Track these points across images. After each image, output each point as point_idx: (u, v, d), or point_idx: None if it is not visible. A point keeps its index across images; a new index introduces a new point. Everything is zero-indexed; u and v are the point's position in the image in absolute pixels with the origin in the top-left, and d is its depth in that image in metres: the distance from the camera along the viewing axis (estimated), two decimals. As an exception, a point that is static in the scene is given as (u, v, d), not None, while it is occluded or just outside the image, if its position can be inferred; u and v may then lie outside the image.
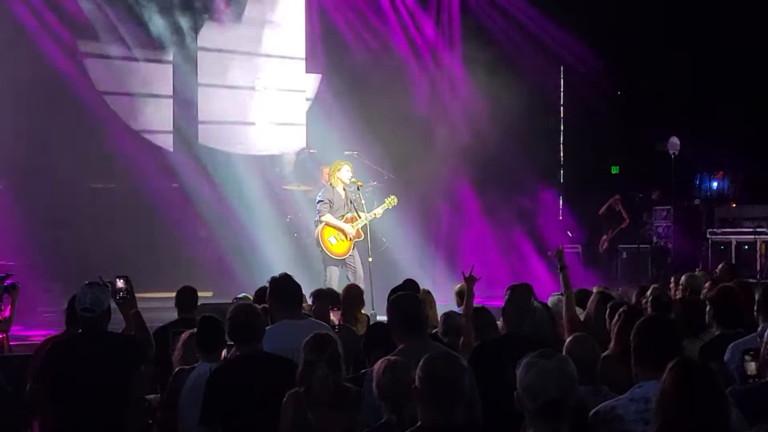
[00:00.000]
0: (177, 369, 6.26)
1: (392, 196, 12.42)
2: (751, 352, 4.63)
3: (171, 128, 16.03)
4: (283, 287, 6.32)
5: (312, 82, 17.30)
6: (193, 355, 6.26)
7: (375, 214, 12.21)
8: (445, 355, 4.13)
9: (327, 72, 17.16)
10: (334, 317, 7.35)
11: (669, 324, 4.51)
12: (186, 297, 7.96)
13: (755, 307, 5.95)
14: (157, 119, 15.85)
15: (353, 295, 8.21)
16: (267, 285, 7.92)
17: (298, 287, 6.38)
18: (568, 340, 5.57)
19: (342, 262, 11.94)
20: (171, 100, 16.04)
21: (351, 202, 12.05)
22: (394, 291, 6.95)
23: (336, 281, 11.44)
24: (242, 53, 16.52)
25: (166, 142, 15.98)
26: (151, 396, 6.80)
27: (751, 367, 4.58)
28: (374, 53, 16.98)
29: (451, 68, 17.98)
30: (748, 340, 5.53)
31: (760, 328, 5.66)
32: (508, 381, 3.74)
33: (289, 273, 6.45)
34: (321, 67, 17.25)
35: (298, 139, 16.93)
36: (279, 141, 16.76)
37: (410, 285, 7.89)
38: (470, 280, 7.27)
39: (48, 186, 14.09)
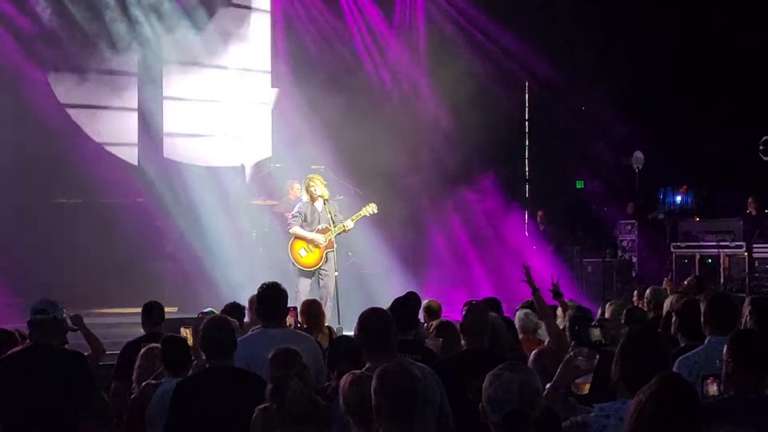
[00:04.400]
0: (144, 383, 6.24)
1: (371, 204, 12.30)
2: (710, 378, 4.62)
3: (136, 142, 15.94)
4: (265, 296, 6.32)
5: (277, 96, 17.29)
6: (152, 367, 6.24)
7: (344, 227, 12.14)
8: (398, 367, 4.15)
9: (292, 86, 17.15)
10: (290, 318, 7.33)
11: (657, 342, 4.49)
12: (153, 312, 7.89)
13: (702, 319, 5.88)
14: (121, 132, 15.76)
15: (313, 309, 8.17)
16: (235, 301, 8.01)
17: (279, 297, 6.33)
18: (534, 352, 5.60)
19: (313, 274, 11.92)
20: (135, 113, 15.95)
21: (330, 215, 11.99)
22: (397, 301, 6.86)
23: (307, 293, 11.41)
24: (207, 66, 16.47)
25: (131, 156, 15.89)
26: None
27: (713, 389, 4.58)
28: (340, 69, 17.00)
29: (417, 84, 18.03)
30: (694, 354, 5.54)
31: (706, 341, 5.64)
32: (470, 395, 3.74)
33: (278, 282, 6.42)
34: (286, 82, 17.24)
35: (264, 153, 16.91)
36: (244, 155, 16.74)
37: (412, 297, 7.83)
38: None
39: (11, 201, 13.95)
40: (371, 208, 12.25)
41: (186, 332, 6.62)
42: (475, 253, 16.92)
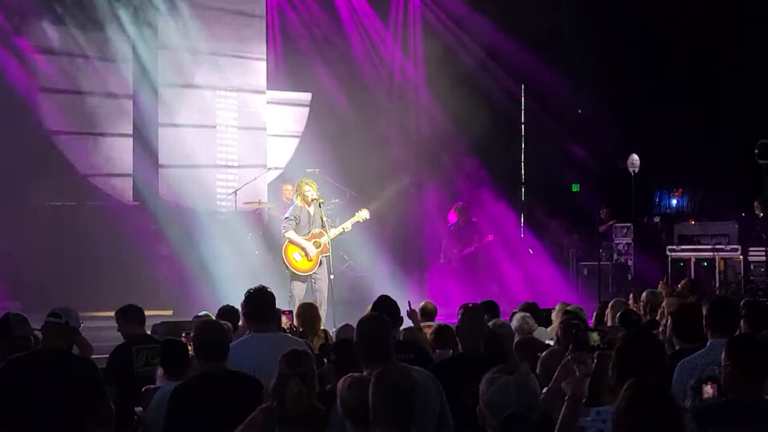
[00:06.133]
0: (144, 388, 6.25)
1: (364, 210, 12.31)
2: (708, 381, 4.62)
3: (131, 144, 15.90)
4: (254, 301, 6.26)
5: (274, 98, 17.28)
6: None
7: (344, 228, 12.15)
8: (397, 368, 4.10)
9: (290, 90, 17.15)
10: (286, 320, 7.31)
11: (654, 345, 4.50)
12: (132, 314, 7.71)
13: (704, 322, 5.89)
14: (115, 137, 15.73)
15: (309, 313, 8.16)
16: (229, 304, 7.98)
17: (269, 301, 6.28)
18: (543, 354, 5.59)
19: (307, 278, 11.92)
20: (131, 113, 15.92)
21: (322, 219, 11.99)
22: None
23: (301, 297, 11.41)
24: (202, 67, 16.45)
25: (127, 158, 15.84)
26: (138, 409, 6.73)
27: (708, 392, 4.57)
28: (337, 72, 16.99)
29: (414, 87, 18.05)
30: (696, 357, 5.55)
31: (708, 344, 5.65)
32: (469, 402, 3.72)
33: (265, 286, 6.37)
34: (284, 86, 17.24)
35: (260, 156, 16.89)
36: (241, 157, 16.71)
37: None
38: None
39: (5, 203, 13.93)
40: (364, 214, 12.24)
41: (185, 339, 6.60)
42: (471, 255, 16.90)
